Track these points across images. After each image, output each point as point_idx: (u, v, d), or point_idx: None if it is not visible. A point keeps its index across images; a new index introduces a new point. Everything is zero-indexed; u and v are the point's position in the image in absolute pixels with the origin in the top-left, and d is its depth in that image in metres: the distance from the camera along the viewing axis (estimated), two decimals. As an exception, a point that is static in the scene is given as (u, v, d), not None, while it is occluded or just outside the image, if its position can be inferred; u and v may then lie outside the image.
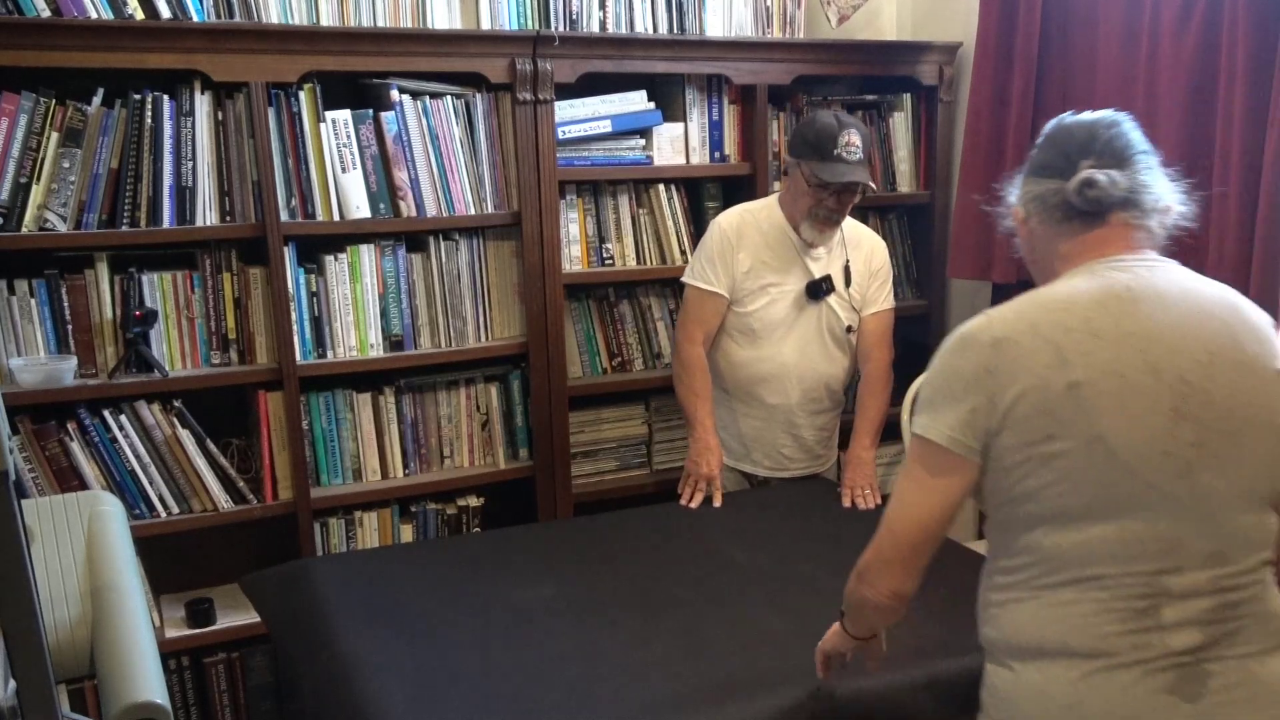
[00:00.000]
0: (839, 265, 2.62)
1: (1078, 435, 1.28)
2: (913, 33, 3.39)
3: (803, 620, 1.94)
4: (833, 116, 2.50)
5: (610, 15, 2.91)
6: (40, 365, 2.35)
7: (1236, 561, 1.30)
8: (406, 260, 2.69)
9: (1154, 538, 1.28)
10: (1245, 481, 1.30)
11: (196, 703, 2.70)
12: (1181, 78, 2.45)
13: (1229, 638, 1.29)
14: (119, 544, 1.45)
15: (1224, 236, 2.35)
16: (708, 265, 2.61)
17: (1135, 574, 1.28)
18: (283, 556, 2.52)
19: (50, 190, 2.32)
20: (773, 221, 2.60)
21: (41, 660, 0.98)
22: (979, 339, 1.35)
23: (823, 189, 2.48)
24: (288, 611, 2.12)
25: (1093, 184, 1.37)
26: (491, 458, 2.88)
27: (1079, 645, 1.30)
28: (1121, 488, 1.28)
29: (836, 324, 2.63)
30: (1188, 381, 1.29)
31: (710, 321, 2.63)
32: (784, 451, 2.70)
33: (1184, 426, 1.28)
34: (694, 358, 2.62)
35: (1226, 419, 1.30)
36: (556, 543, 2.38)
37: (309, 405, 2.65)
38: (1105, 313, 1.32)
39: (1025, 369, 1.30)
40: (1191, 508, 1.29)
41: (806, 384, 2.64)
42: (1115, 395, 1.28)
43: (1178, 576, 1.28)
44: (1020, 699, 1.35)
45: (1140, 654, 1.28)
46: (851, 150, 2.45)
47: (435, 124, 2.65)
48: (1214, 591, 1.29)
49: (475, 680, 1.76)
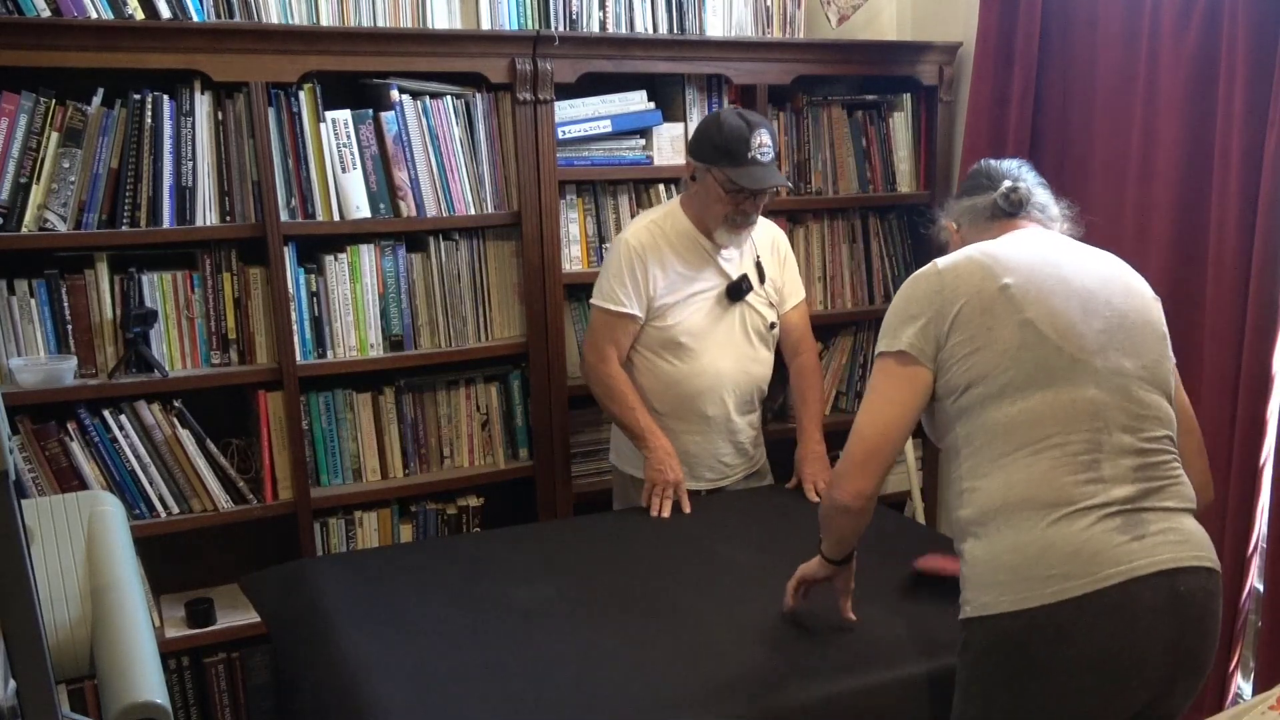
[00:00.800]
0: (750, 262, 2.57)
1: (1010, 321, 1.60)
2: (913, 33, 3.39)
3: (803, 620, 1.94)
4: (738, 116, 2.39)
5: (610, 15, 2.91)
6: (40, 365, 2.35)
7: (1148, 430, 1.61)
8: (406, 260, 2.69)
9: (1085, 401, 1.58)
10: (1145, 370, 1.64)
11: (196, 703, 2.70)
12: (1181, 78, 2.45)
13: (1156, 493, 1.58)
14: (119, 544, 1.45)
15: (1224, 236, 2.35)
16: (618, 286, 2.48)
17: (1076, 433, 1.57)
18: (283, 556, 2.52)
19: (50, 190, 2.32)
20: (679, 230, 2.51)
21: (41, 660, 0.98)
22: (927, 272, 1.70)
23: (738, 193, 2.40)
24: (288, 611, 2.12)
25: (1015, 189, 1.80)
26: (491, 458, 2.88)
27: (1043, 496, 1.55)
28: (1052, 361, 1.59)
29: (760, 322, 2.59)
30: (1090, 290, 1.65)
31: (623, 343, 2.52)
32: (724, 460, 2.65)
33: (1092, 319, 1.63)
34: (615, 374, 2.52)
35: (1123, 320, 1.65)
36: (556, 543, 2.38)
37: (309, 405, 2.65)
38: (1022, 247, 1.71)
39: (965, 285, 1.64)
40: (1108, 379, 1.60)
41: (740, 389, 2.59)
42: (1036, 293, 1.62)
43: (1108, 435, 1.58)
44: (999, 553, 1.57)
45: (1091, 500, 1.55)
46: (764, 151, 2.38)
47: (435, 124, 2.65)
48: (1136, 453, 1.59)
49: (475, 680, 1.76)
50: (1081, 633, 1.51)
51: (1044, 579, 1.52)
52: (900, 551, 2.21)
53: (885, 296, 3.30)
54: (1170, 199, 2.49)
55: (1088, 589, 1.50)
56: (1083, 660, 1.51)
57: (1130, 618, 1.51)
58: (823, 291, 3.22)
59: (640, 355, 2.56)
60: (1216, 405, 2.39)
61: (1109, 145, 2.70)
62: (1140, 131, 2.58)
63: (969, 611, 1.60)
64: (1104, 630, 1.51)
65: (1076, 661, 1.51)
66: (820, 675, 1.77)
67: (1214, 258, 2.39)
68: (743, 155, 2.36)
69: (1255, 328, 2.29)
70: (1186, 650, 1.55)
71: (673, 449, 2.52)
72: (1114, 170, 2.68)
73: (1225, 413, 2.38)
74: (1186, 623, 1.54)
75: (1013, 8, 2.87)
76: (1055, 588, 1.51)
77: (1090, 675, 1.52)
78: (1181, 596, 1.53)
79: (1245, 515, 2.36)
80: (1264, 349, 2.30)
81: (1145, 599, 1.51)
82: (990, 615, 1.56)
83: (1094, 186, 2.75)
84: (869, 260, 3.28)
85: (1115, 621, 1.51)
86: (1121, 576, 1.51)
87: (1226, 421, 2.38)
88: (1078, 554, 1.52)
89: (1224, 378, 2.37)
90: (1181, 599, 1.53)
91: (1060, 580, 1.51)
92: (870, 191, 3.22)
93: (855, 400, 3.34)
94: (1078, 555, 1.52)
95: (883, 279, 3.30)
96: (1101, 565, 1.51)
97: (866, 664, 1.81)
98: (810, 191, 3.14)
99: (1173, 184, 2.48)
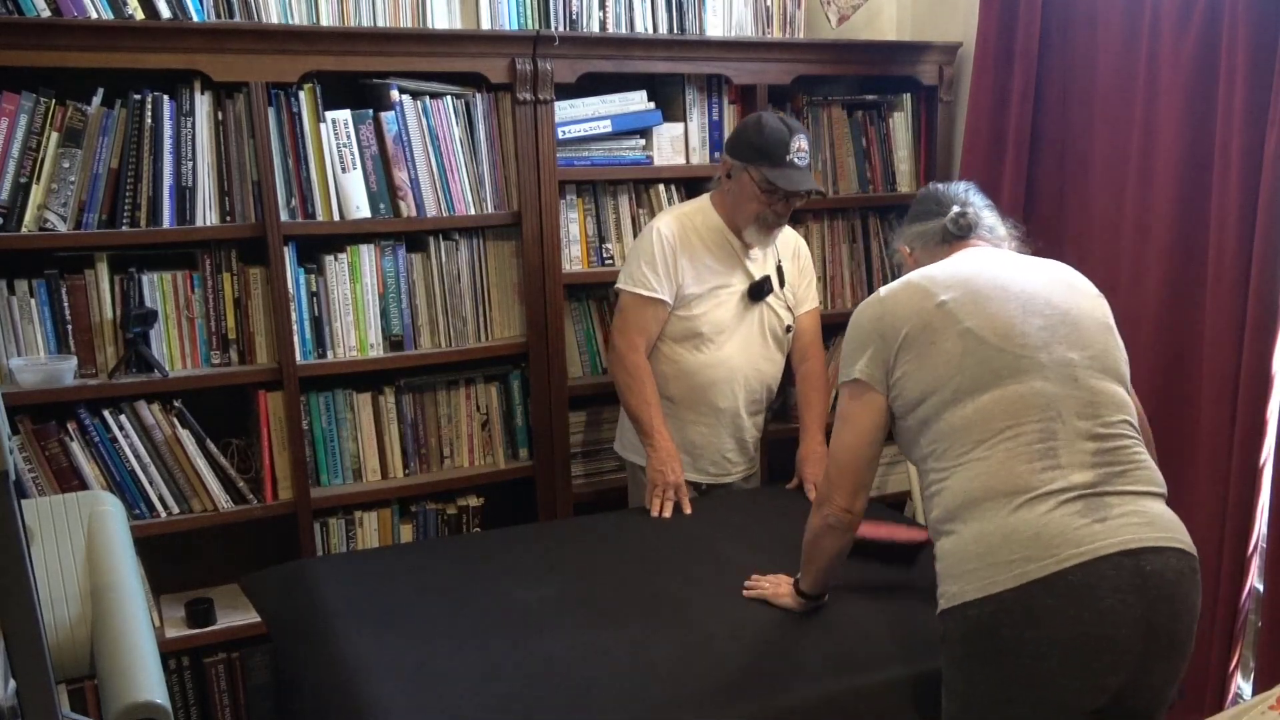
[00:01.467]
0: (772, 265, 2.61)
1: (950, 333, 1.69)
2: (913, 33, 3.39)
3: (802, 620, 1.94)
4: (780, 121, 2.44)
5: (610, 15, 2.91)
6: (40, 365, 2.35)
7: (1103, 415, 1.65)
8: (406, 260, 2.69)
9: (1033, 394, 1.64)
10: (1093, 359, 1.69)
11: (196, 703, 2.70)
12: (1181, 78, 2.45)
13: (1118, 477, 1.62)
14: (119, 544, 1.45)
15: (1224, 236, 2.35)
16: (649, 271, 2.51)
17: (1028, 424, 1.63)
18: (283, 556, 2.52)
19: (50, 190, 2.32)
20: (710, 225, 2.55)
21: (41, 660, 0.98)
22: (871, 301, 1.80)
23: (773, 194, 2.43)
24: (288, 611, 2.12)
25: (964, 214, 1.90)
26: (491, 458, 2.88)
27: (1002, 486, 1.61)
28: (996, 362, 1.66)
29: (777, 324, 2.62)
30: (1029, 292, 1.72)
31: (652, 329, 2.54)
32: (728, 456, 2.67)
33: (1031, 318, 1.69)
34: (641, 366, 2.53)
35: (1065, 315, 1.71)
36: (556, 543, 2.38)
37: (309, 405, 2.65)
38: (963, 264, 1.80)
39: (904, 309, 1.74)
40: (1056, 371, 1.66)
41: (751, 386, 2.62)
42: (973, 303, 1.70)
43: (1061, 423, 1.63)
44: (966, 544, 1.62)
45: (1050, 486, 1.59)
46: (802, 156, 2.42)
47: (435, 124, 2.65)
48: (1093, 438, 1.63)
49: (475, 680, 1.76)
50: (1047, 614, 1.54)
51: (1007, 563, 1.56)
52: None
53: (885, 296, 3.31)
54: (1170, 198, 2.49)
55: (1050, 570, 1.54)
56: (1051, 641, 1.54)
57: (1094, 597, 1.53)
58: (823, 291, 3.21)
59: (662, 343, 2.59)
60: (1216, 405, 2.39)
61: (1109, 145, 2.70)
62: (1140, 131, 2.58)
63: (942, 604, 1.65)
64: (1069, 610, 1.53)
65: (1045, 643, 1.54)
66: (820, 675, 1.77)
67: (1214, 258, 2.39)
68: (781, 157, 2.40)
69: (1255, 328, 2.29)
70: (1156, 629, 1.56)
71: (676, 451, 2.53)
72: (1114, 170, 2.69)
73: (1225, 413, 2.38)
74: (1155, 601, 1.56)
75: (1013, 8, 2.87)
76: (1018, 570, 1.55)
77: (1060, 656, 1.54)
78: (1147, 575, 1.55)
79: (1245, 515, 2.36)
80: (1264, 349, 2.30)
81: (1109, 578, 1.54)
82: (960, 604, 1.60)
83: (1094, 186, 2.75)
84: (869, 260, 3.28)
85: (1080, 601, 1.53)
86: (1084, 556, 1.54)
87: (1226, 421, 2.37)
88: (1038, 537, 1.56)
89: (1224, 378, 2.37)
90: (1147, 578, 1.55)
91: (1023, 564, 1.55)
92: (870, 191, 3.22)
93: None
94: (1039, 538, 1.56)
95: (883, 279, 3.30)
96: (1063, 546, 1.55)
97: (866, 664, 1.81)
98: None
99: (1173, 183, 2.48)
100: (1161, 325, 2.52)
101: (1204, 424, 2.43)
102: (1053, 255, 2.97)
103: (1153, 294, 2.54)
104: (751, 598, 2.02)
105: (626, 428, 2.71)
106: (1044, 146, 2.89)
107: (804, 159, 2.43)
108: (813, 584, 1.92)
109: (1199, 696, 2.44)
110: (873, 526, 2.12)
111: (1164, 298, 2.52)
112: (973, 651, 1.60)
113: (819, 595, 1.95)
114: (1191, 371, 2.48)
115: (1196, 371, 2.45)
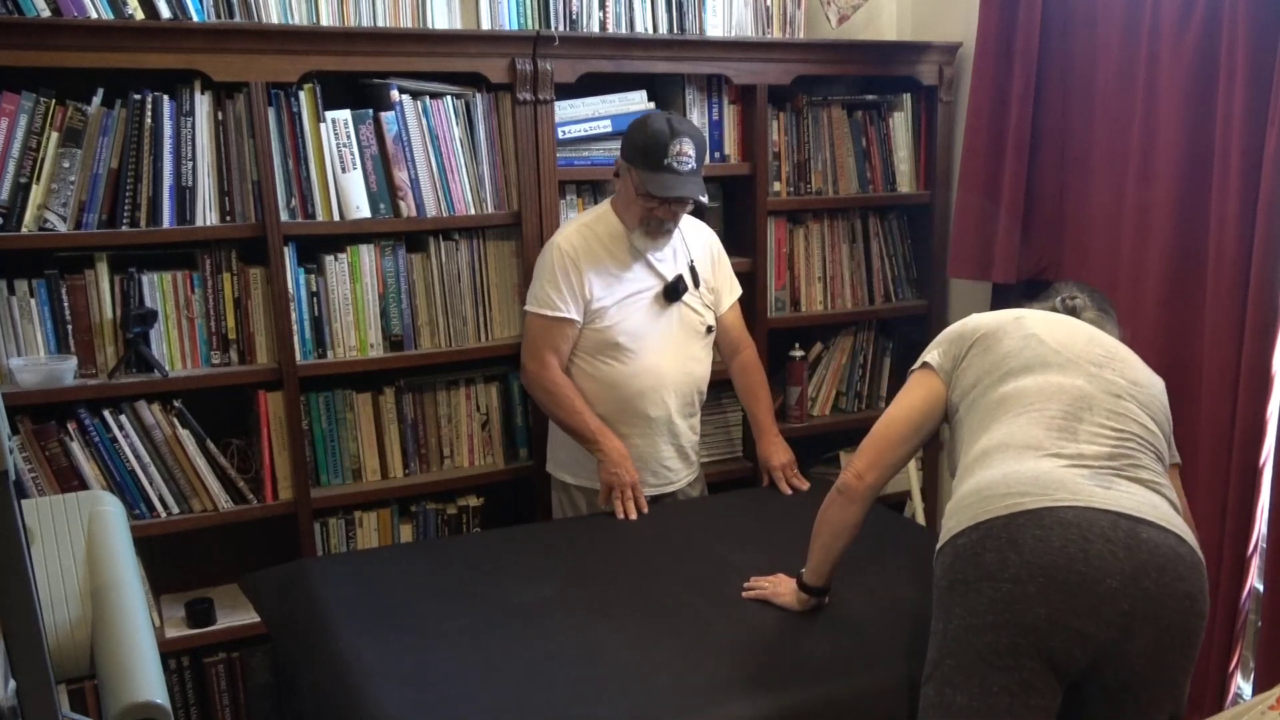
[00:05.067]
0: (684, 264, 2.58)
1: (1017, 335, 1.84)
2: (913, 33, 3.39)
3: (802, 620, 1.94)
4: (665, 121, 2.37)
5: (610, 15, 2.91)
6: (40, 365, 2.35)
7: (1129, 427, 1.72)
8: (406, 260, 2.69)
9: (1071, 387, 1.74)
10: (1140, 397, 1.77)
11: (196, 703, 2.70)
12: (1181, 78, 2.45)
13: (1129, 466, 1.67)
14: (119, 544, 1.45)
15: (1224, 236, 2.35)
16: (552, 290, 2.46)
17: (1057, 405, 1.72)
18: (283, 556, 2.52)
19: (50, 190, 2.32)
20: (612, 232, 2.50)
21: (41, 660, 0.98)
22: (965, 320, 1.95)
23: (650, 199, 2.40)
24: (287, 611, 2.12)
25: (1074, 297, 2.02)
26: (491, 458, 2.88)
27: (1016, 442, 1.69)
28: (1049, 358, 1.78)
29: (698, 323, 2.61)
30: (1101, 338, 1.86)
31: (562, 348, 2.50)
32: (667, 465, 2.64)
33: (1094, 348, 1.82)
34: (558, 380, 2.49)
35: (1126, 363, 1.82)
36: (556, 543, 2.38)
37: (309, 405, 2.65)
38: (1033, 308, 1.99)
39: (990, 320, 1.90)
40: (1100, 381, 1.76)
41: (681, 389, 2.59)
42: (1046, 322, 1.87)
43: (1089, 413, 1.71)
44: (967, 491, 1.67)
45: (1061, 450, 1.66)
46: (683, 160, 2.35)
47: (435, 124, 2.65)
48: (1115, 435, 1.70)
49: (475, 680, 1.76)
50: (1031, 540, 1.54)
51: (1001, 497, 1.60)
52: (900, 552, 2.21)
53: (885, 297, 3.31)
54: (1170, 199, 2.49)
55: (1043, 504, 1.57)
56: (1033, 567, 1.53)
57: (1083, 539, 1.53)
58: (823, 291, 3.21)
59: (580, 358, 2.55)
60: (1216, 405, 2.39)
61: (1109, 145, 2.70)
62: (1140, 131, 2.58)
63: (938, 545, 1.68)
64: (1055, 542, 1.53)
65: (1026, 568, 1.53)
66: (820, 675, 1.77)
67: (1214, 258, 2.39)
68: (659, 161, 2.35)
69: (1255, 328, 2.29)
70: (1144, 593, 1.52)
71: (625, 450, 2.50)
72: (1114, 170, 2.68)
73: (1225, 413, 2.38)
74: (1146, 567, 1.53)
75: (1013, 8, 2.86)
76: (1010, 503, 1.59)
77: (1040, 584, 1.52)
78: (1142, 541, 1.54)
79: (1245, 515, 2.36)
80: (1264, 349, 2.29)
81: (1101, 527, 1.54)
82: (950, 537, 1.64)
83: (1094, 186, 2.75)
84: (869, 260, 3.28)
85: (1067, 536, 1.53)
86: (1080, 502, 1.57)
87: (1226, 421, 2.37)
88: (1038, 480, 1.60)
89: (1224, 378, 2.37)
90: (1142, 543, 1.54)
91: (1017, 498, 1.59)
92: (870, 191, 3.22)
93: (855, 400, 3.34)
94: (1038, 481, 1.60)
95: (882, 279, 3.30)
96: (1060, 491, 1.58)
97: (866, 664, 1.81)
98: (810, 191, 3.14)
99: (1173, 184, 2.48)
100: (1161, 325, 2.52)
101: (1204, 424, 2.43)
102: (1053, 255, 2.97)
103: (1153, 294, 2.54)
104: (751, 599, 2.02)
105: (556, 444, 2.68)
106: (1044, 146, 2.89)
107: (685, 163, 2.36)
108: (815, 567, 1.93)
109: (1199, 696, 2.44)
110: None
111: (1164, 298, 2.52)
112: (956, 580, 1.60)
113: (821, 589, 1.94)
114: (1191, 371, 2.47)
115: (1196, 371, 2.45)
